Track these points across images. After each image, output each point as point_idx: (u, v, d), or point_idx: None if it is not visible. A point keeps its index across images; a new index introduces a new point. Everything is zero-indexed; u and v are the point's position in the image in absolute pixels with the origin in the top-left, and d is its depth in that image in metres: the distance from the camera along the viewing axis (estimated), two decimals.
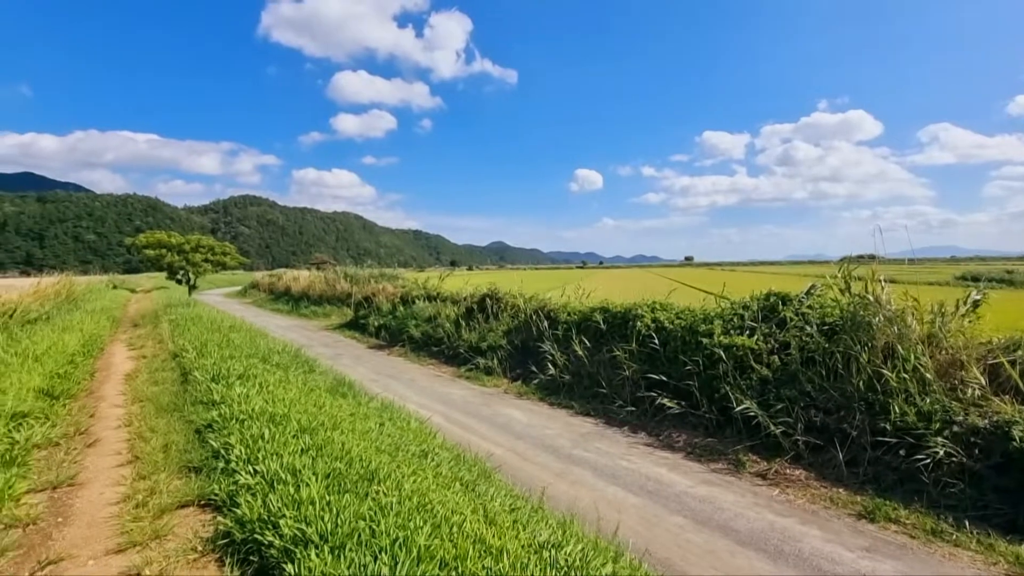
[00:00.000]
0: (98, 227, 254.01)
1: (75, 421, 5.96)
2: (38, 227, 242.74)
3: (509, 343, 10.64)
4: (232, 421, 4.87)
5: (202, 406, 5.78)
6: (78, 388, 7.46)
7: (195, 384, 6.71)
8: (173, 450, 4.86)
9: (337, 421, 4.95)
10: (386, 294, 17.81)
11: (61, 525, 3.66)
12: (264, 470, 3.68)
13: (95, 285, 29.84)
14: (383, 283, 20.11)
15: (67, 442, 5.28)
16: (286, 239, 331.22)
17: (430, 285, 16.76)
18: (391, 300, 17.03)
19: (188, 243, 31.48)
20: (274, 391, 5.93)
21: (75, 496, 4.12)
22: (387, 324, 15.36)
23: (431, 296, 15.71)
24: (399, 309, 15.84)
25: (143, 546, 3.31)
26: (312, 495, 3.18)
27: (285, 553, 2.76)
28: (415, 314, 14.58)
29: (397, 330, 14.54)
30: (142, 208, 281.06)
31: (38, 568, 3.08)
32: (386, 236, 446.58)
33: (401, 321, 14.73)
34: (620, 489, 4.97)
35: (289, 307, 25.56)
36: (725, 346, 6.47)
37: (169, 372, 8.27)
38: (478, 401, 8.39)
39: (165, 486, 4.12)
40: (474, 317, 12.33)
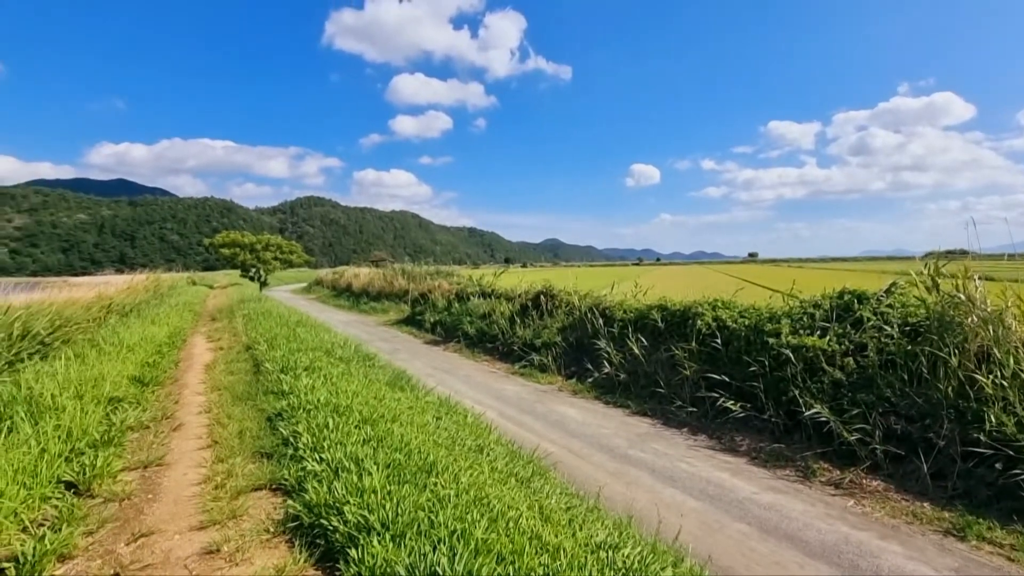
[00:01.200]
0: (180, 228, 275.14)
1: (162, 406, 6.47)
2: (130, 229, 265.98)
3: (563, 340, 10.57)
4: (300, 411, 5.12)
5: (272, 395, 6.12)
6: (165, 376, 8.11)
7: (266, 375, 7.12)
8: (247, 436, 5.18)
9: (396, 414, 5.10)
10: (442, 291, 18.16)
11: (151, 501, 3.98)
12: (329, 458, 3.85)
13: (178, 282, 32.28)
14: (439, 280, 20.52)
15: (156, 425, 5.75)
16: (347, 237, 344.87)
17: (484, 282, 16.92)
18: (446, 297, 17.34)
19: (259, 242, 33.44)
20: (337, 383, 6.19)
21: (163, 475, 4.48)
22: (442, 320, 15.65)
23: (485, 293, 15.86)
24: (454, 306, 16.11)
25: (221, 525, 3.55)
26: (374, 484, 3.30)
27: (349, 539, 2.87)
28: (470, 311, 14.78)
29: (452, 326, 14.79)
30: (218, 210, 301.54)
31: (132, 540, 3.37)
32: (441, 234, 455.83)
33: (456, 317, 14.97)
34: (679, 492, 4.83)
35: (350, 303, 26.54)
36: (794, 347, 6.13)
37: (243, 363, 8.82)
38: (532, 398, 8.39)
39: (240, 469, 4.40)
40: (528, 314, 12.34)
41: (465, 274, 21.66)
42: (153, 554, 3.22)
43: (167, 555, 3.20)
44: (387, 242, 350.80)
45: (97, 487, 4.02)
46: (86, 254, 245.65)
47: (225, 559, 3.13)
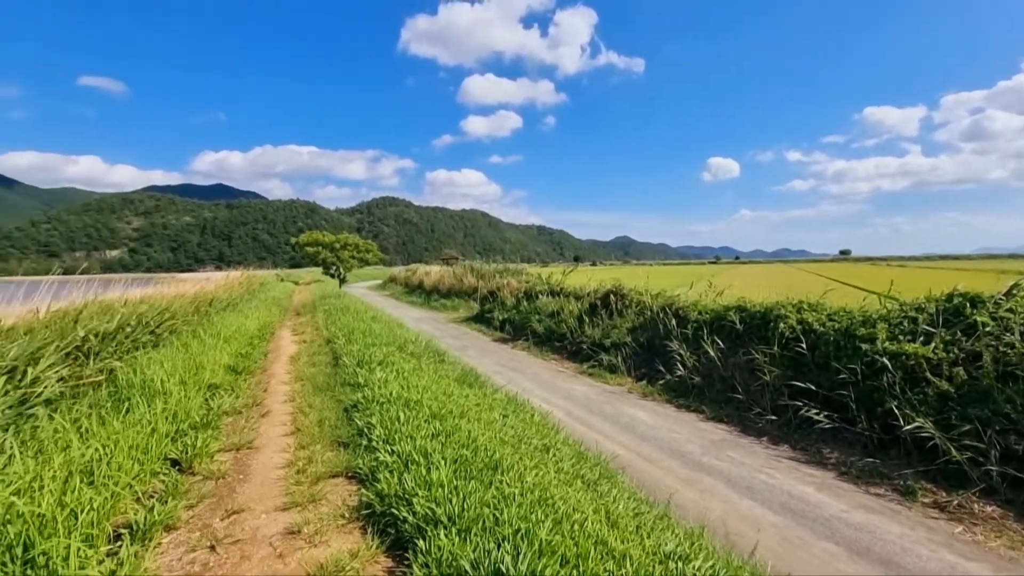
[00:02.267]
0: (270, 228, 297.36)
1: (253, 394, 7.01)
2: (227, 229, 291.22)
3: (634, 341, 10.31)
4: (373, 403, 5.35)
5: (349, 388, 6.44)
6: (255, 366, 8.78)
7: (344, 368, 7.51)
8: (326, 425, 5.50)
9: (464, 410, 5.20)
10: (510, 289, 18.29)
11: (242, 481, 4.32)
12: (400, 450, 3.99)
13: (268, 278, 34.86)
14: (507, 278, 20.69)
15: (247, 411, 6.24)
16: (420, 236, 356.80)
17: (553, 280, 16.86)
18: (515, 295, 17.44)
19: (338, 241, 35.34)
20: (409, 378, 6.41)
21: (252, 458, 4.85)
22: (511, 318, 15.77)
23: (554, 291, 15.79)
24: (523, 304, 16.17)
25: (303, 507, 3.78)
26: (441, 478, 3.38)
27: (417, 530, 2.96)
28: (538, 309, 14.78)
29: (520, 324, 14.86)
30: (303, 211, 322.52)
31: (225, 516, 3.68)
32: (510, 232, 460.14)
33: (524, 316, 15.02)
34: (757, 504, 4.55)
35: (421, 300, 27.40)
36: (891, 354, 5.59)
37: (323, 356, 9.36)
38: (600, 399, 8.25)
39: (320, 456, 4.67)
40: (598, 313, 12.16)
41: (533, 272, 21.69)
42: (243, 530, 3.49)
43: (255, 532, 3.46)
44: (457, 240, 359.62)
45: (197, 465, 4.42)
46: (191, 252, 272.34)
47: (305, 540, 3.33)
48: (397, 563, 3.00)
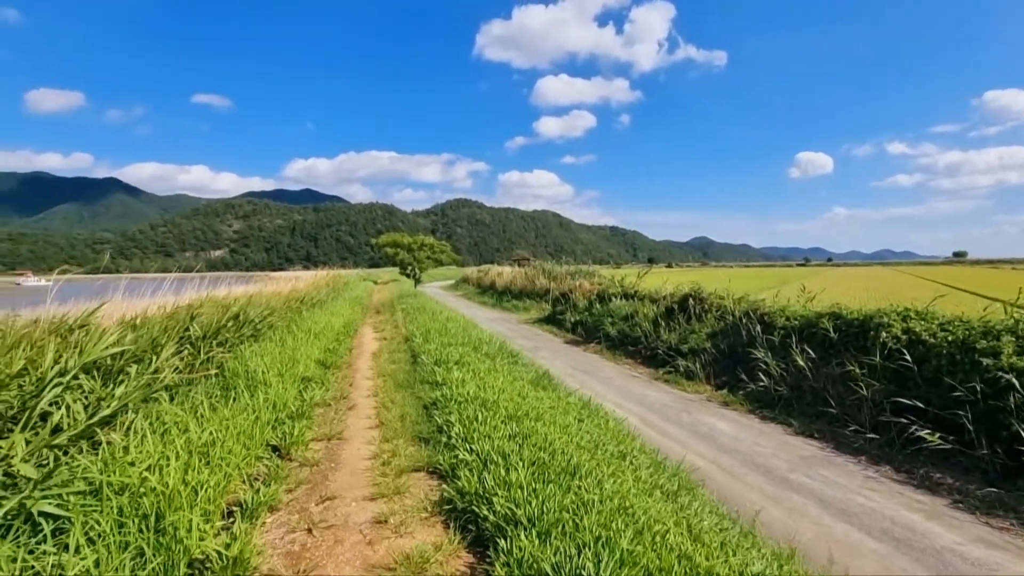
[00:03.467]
0: (352, 230, 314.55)
1: (340, 388, 7.47)
2: (314, 231, 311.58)
3: (714, 347, 9.88)
4: (451, 402, 5.53)
5: (428, 385, 6.69)
6: (341, 361, 9.34)
7: (422, 366, 7.80)
8: (408, 421, 5.75)
9: (540, 412, 5.23)
10: (583, 290, 18.13)
11: (333, 470, 4.63)
12: (479, 449, 4.09)
13: (351, 278, 36.85)
14: (580, 279, 20.52)
15: (335, 404, 6.66)
16: (492, 237, 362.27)
17: (627, 282, 16.52)
18: (587, 297, 17.27)
19: (415, 242, 36.74)
20: (484, 378, 6.54)
21: (341, 448, 5.17)
22: (583, 320, 15.63)
23: (628, 294, 15.47)
24: (595, 306, 15.98)
25: (388, 498, 3.99)
26: (520, 480, 3.43)
27: (498, 529, 3.03)
28: (611, 311, 14.54)
29: (593, 327, 14.69)
30: (382, 214, 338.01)
31: (320, 501, 3.96)
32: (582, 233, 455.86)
33: (597, 318, 14.84)
34: (854, 529, 4.21)
35: (493, 300, 27.77)
36: (1020, 370, 4.97)
37: (402, 353, 9.78)
38: (677, 406, 7.98)
39: (403, 451, 4.90)
40: (674, 317, 11.77)
41: (606, 274, 21.36)
42: (335, 516, 3.74)
43: (346, 519, 3.69)
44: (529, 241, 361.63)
45: (294, 452, 4.79)
46: (282, 252, 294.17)
47: (391, 530, 3.51)
48: (478, 560, 3.08)
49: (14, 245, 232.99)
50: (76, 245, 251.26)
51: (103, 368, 4.28)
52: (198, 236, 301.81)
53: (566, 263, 26.31)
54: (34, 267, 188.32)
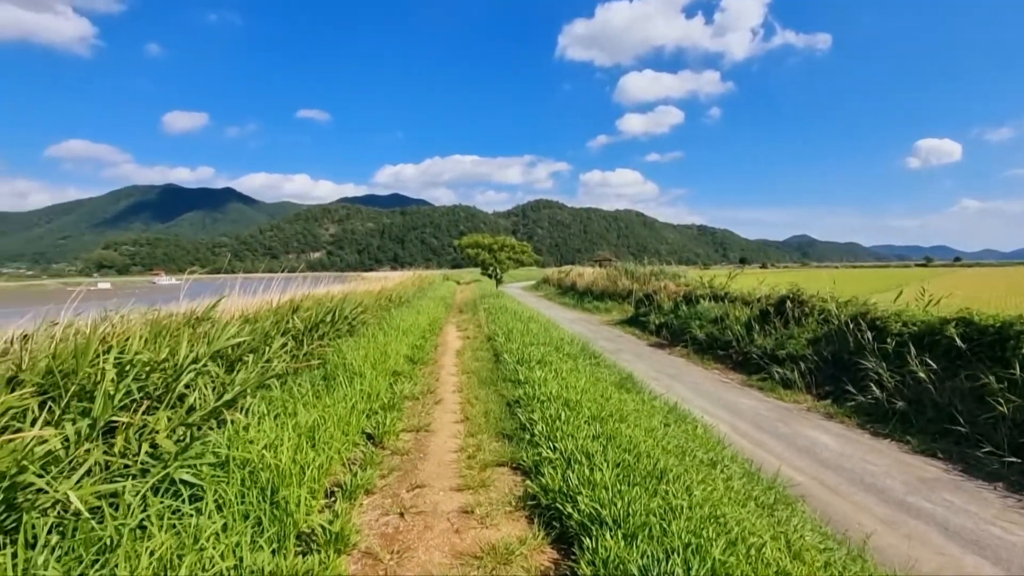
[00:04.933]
0: (436, 232, 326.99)
1: (427, 383, 7.80)
2: (400, 234, 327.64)
3: (815, 353, 9.15)
4: (534, 400, 5.58)
5: (510, 383, 6.80)
6: (427, 357, 9.74)
7: (504, 364, 7.95)
8: (491, 417, 5.89)
9: (624, 414, 5.14)
10: (668, 292, 17.55)
11: (421, 460, 4.85)
12: (562, 448, 4.11)
13: (435, 278, 38.29)
14: (664, 280, 19.88)
15: (423, 397, 6.97)
16: (572, 237, 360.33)
17: (716, 284, 15.75)
18: (672, 298, 16.69)
19: (496, 243, 37.35)
20: (567, 378, 6.54)
21: (429, 440, 5.41)
22: (668, 323, 15.12)
23: (717, 296, 14.75)
24: (682, 308, 15.40)
25: (474, 490, 4.11)
26: (604, 480, 3.40)
27: (582, 527, 3.02)
28: (699, 314, 13.94)
29: (679, 329, 14.16)
30: (464, 216, 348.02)
31: (411, 488, 4.18)
32: (667, 232, 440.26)
33: (684, 320, 14.29)
34: (989, 564, 3.72)
35: (574, 301, 27.58)
36: None
37: (485, 352, 10.01)
38: (772, 415, 7.49)
39: (487, 445, 5.04)
40: (769, 321, 11.04)
41: (694, 275, 20.50)
42: (425, 503, 3.92)
43: (435, 507, 3.86)
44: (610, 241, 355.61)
45: (386, 441, 5.09)
46: (372, 254, 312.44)
47: (477, 520, 3.62)
48: (563, 556, 3.10)
49: (151, 248, 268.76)
50: (199, 248, 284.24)
51: (225, 356, 4.79)
52: (299, 239, 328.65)
53: (649, 263, 25.58)
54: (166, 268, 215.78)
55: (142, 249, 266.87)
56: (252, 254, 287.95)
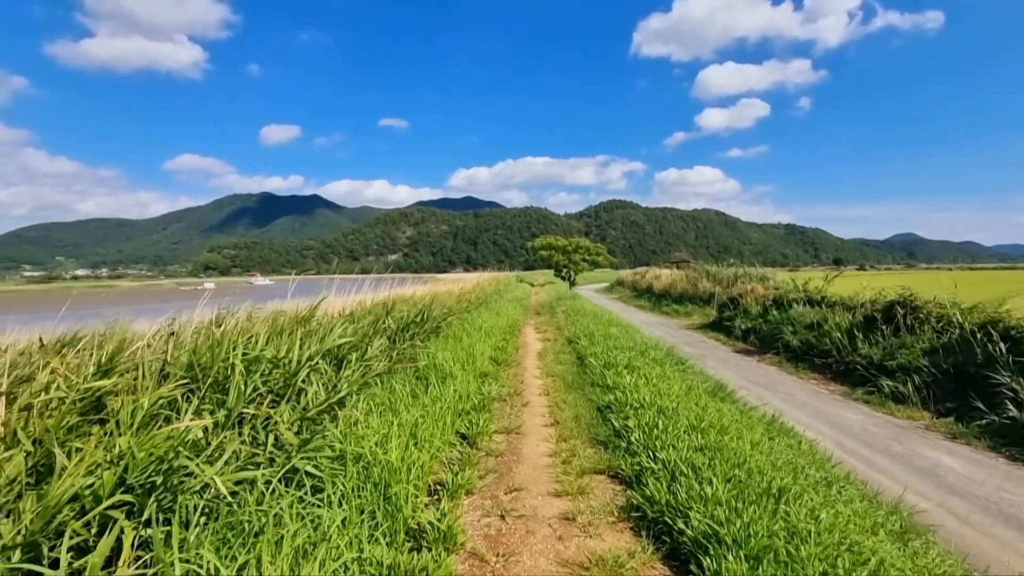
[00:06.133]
0: (508, 234, 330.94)
1: (512, 385, 7.85)
2: (473, 236, 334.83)
3: (932, 365, 8.27)
4: (627, 407, 5.45)
5: (598, 388, 6.70)
6: (510, 359, 9.83)
7: (590, 368, 7.84)
8: (582, 422, 5.82)
9: (725, 425, 4.90)
10: (755, 295, 16.62)
11: (516, 462, 4.88)
12: (666, 459, 3.96)
13: (510, 280, 38.67)
14: (751, 283, 18.85)
15: (510, 399, 7.02)
16: (647, 238, 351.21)
17: (811, 287, 14.70)
18: (760, 302, 15.79)
19: (570, 245, 37.12)
20: (658, 385, 6.34)
21: (521, 442, 5.44)
22: (756, 328, 14.31)
23: (812, 300, 13.75)
24: (771, 312, 14.51)
25: (573, 497, 4.07)
26: (718, 496, 3.23)
27: (696, 545, 2.89)
28: (792, 319, 13.07)
29: (769, 336, 13.36)
30: (536, 218, 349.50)
31: (508, 491, 4.21)
32: (751, 231, 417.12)
33: (774, 326, 13.46)
34: None
35: (651, 304, 26.81)
36: None
37: (567, 355, 9.94)
38: (883, 432, 6.84)
39: (581, 451, 4.99)
40: (876, 328, 10.13)
41: (784, 277, 19.26)
42: (524, 507, 3.93)
43: (535, 511, 3.86)
44: (688, 242, 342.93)
45: (480, 442, 5.17)
46: (446, 256, 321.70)
47: (579, 528, 3.57)
48: (675, 573, 2.98)
49: (248, 252, 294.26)
50: (290, 251, 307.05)
51: (333, 354, 5.08)
52: (378, 242, 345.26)
53: (731, 265, 24.40)
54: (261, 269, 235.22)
55: (241, 252, 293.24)
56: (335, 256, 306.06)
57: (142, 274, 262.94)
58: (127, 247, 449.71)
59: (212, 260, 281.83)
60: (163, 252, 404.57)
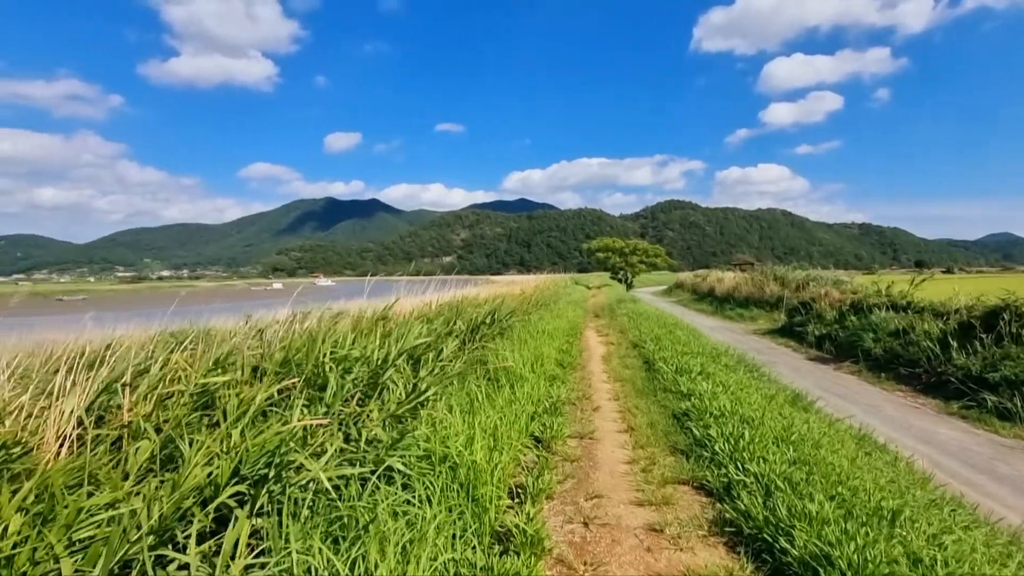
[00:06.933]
0: (562, 236, 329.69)
1: (580, 388, 7.76)
2: (527, 238, 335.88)
3: None
4: (706, 415, 5.25)
5: (671, 394, 6.50)
6: (575, 362, 9.74)
7: (661, 374, 7.63)
8: (658, 428, 5.66)
9: (817, 438, 4.62)
10: (830, 299, 15.72)
11: (592, 468, 4.81)
12: (757, 471, 3.78)
13: (565, 281, 38.45)
14: (825, 287, 17.83)
15: (579, 403, 6.94)
16: (706, 240, 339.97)
17: (894, 291, 13.72)
18: (836, 307, 14.91)
19: (628, 246, 36.46)
20: (737, 393, 6.08)
21: (595, 448, 5.35)
22: (832, 334, 13.50)
23: (896, 304, 12.82)
24: (849, 318, 13.65)
25: (656, 507, 3.95)
26: (824, 514, 3.04)
27: (804, 566, 2.73)
28: (873, 325, 12.24)
29: (846, 343, 12.58)
30: (590, 219, 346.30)
31: (589, 497, 4.15)
32: (820, 232, 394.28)
33: (852, 332, 12.66)
34: None
35: (712, 308, 25.90)
36: None
37: (633, 359, 9.74)
38: (987, 452, 6.25)
39: (660, 459, 4.84)
40: (974, 336, 9.30)
41: (863, 281, 18.09)
42: (607, 515, 3.86)
43: (618, 520, 3.78)
44: (751, 243, 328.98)
45: (554, 446, 5.13)
46: (499, 258, 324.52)
47: (669, 540, 3.45)
48: None
49: (312, 254, 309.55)
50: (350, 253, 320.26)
51: (411, 354, 5.21)
52: (433, 244, 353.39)
53: (799, 267, 23.22)
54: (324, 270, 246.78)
55: (306, 255, 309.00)
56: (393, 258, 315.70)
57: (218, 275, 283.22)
58: (205, 250, 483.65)
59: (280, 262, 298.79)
60: (236, 254, 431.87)
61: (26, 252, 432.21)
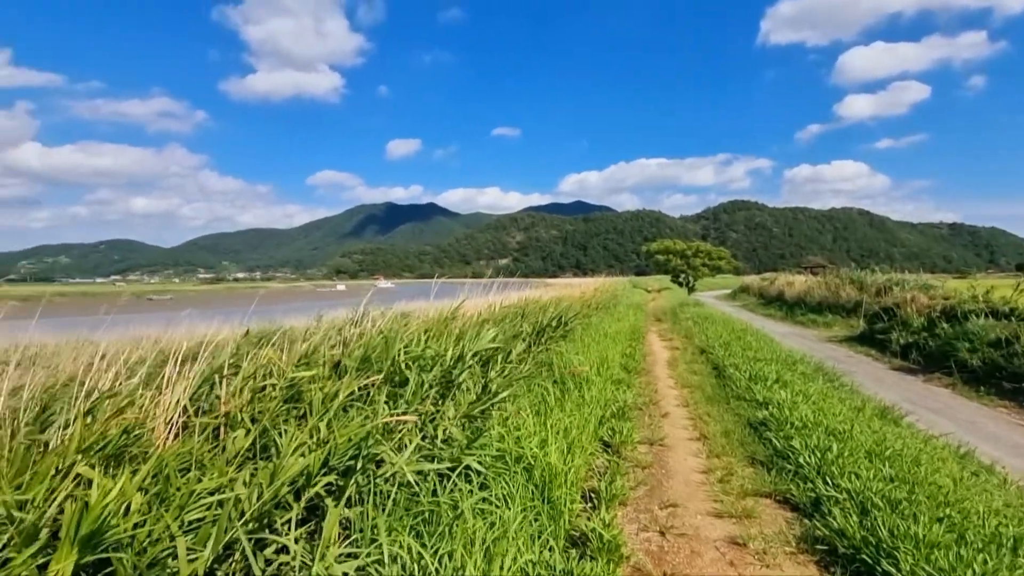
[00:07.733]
0: (619, 238, 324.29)
1: (646, 393, 7.58)
2: (583, 240, 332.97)
3: None
4: (787, 425, 4.99)
5: (745, 402, 6.22)
6: (639, 366, 9.53)
7: (732, 380, 7.31)
8: (733, 438, 5.42)
9: (915, 455, 4.28)
10: (917, 305, 14.54)
11: (665, 476, 4.67)
12: (851, 488, 3.54)
13: (624, 284, 37.77)
14: (911, 292, 16.52)
15: (647, 409, 6.77)
16: (773, 242, 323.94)
17: (994, 297, 12.51)
18: (925, 313, 13.76)
19: (690, 249, 35.33)
20: (819, 403, 5.73)
21: (666, 455, 5.21)
22: (919, 343, 12.47)
23: (997, 312, 11.68)
24: (940, 326, 12.56)
25: (737, 520, 3.78)
26: (932, 538, 2.80)
27: None
28: (969, 334, 11.19)
29: (937, 352, 11.58)
30: (649, 221, 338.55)
31: (663, 506, 4.04)
32: (903, 232, 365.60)
33: (944, 341, 11.63)
34: None
35: (782, 313, 24.63)
36: None
37: (701, 364, 9.40)
38: None
39: (739, 470, 4.63)
40: None
41: (957, 285, 16.62)
42: (684, 525, 3.73)
43: (696, 531, 3.65)
44: (823, 245, 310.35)
45: (624, 451, 5.03)
46: (555, 261, 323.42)
47: (754, 556, 3.30)
48: None
49: (373, 257, 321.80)
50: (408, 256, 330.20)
51: (479, 355, 5.29)
52: (489, 247, 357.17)
53: (878, 270, 21.69)
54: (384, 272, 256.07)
55: (367, 257, 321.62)
56: (449, 261, 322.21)
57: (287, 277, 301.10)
58: (276, 253, 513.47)
59: (343, 265, 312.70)
60: (303, 257, 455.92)
61: (123, 255, 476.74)
